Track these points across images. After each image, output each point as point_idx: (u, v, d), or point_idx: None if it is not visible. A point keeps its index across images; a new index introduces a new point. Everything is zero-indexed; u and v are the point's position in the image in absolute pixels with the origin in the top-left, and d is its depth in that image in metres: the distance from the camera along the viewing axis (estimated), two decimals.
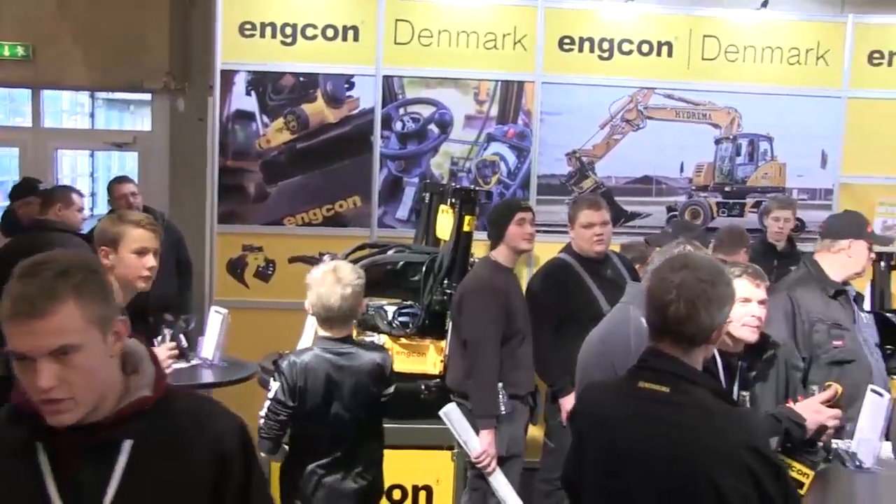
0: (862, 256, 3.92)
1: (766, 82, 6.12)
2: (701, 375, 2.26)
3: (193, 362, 4.65)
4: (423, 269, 4.52)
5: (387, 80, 5.83)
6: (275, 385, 3.29)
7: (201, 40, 6.79)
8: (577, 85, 5.95)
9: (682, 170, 6.12)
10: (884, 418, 3.12)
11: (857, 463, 3.11)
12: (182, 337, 4.52)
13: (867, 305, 5.59)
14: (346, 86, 5.81)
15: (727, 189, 6.19)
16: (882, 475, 3.06)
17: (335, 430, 3.33)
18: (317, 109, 5.81)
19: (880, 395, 3.16)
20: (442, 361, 4.52)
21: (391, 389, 3.50)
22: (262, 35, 5.77)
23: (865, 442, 3.13)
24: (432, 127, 5.89)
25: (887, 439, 3.23)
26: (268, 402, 3.30)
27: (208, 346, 4.67)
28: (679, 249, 2.95)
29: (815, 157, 6.22)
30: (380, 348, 3.70)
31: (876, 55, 6.21)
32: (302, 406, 3.27)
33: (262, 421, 3.30)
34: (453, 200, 4.54)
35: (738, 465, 2.11)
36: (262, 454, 3.29)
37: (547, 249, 5.22)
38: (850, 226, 4.00)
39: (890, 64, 6.22)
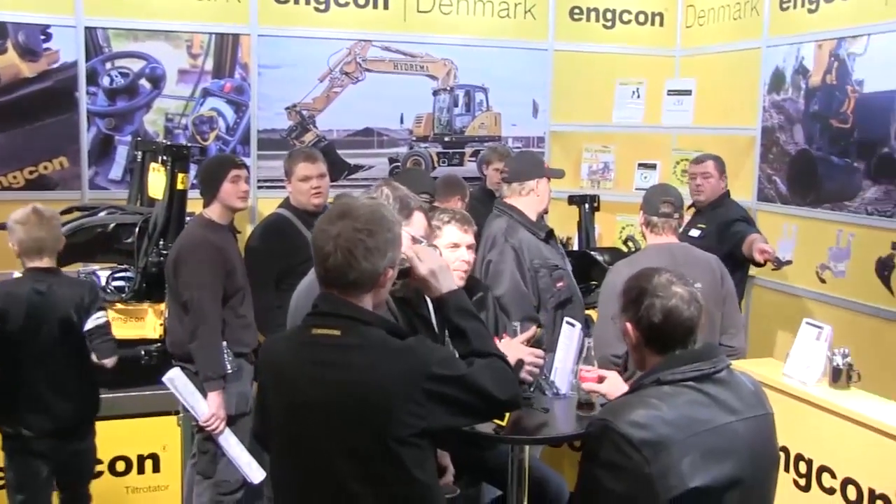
0: (546, 193, 4.17)
1: (480, 35, 6.34)
2: (373, 315, 2.20)
3: None
4: (137, 230, 4.36)
5: (90, 31, 5.45)
6: None
7: None
8: (294, 38, 5.87)
9: (402, 121, 6.23)
10: (576, 347, 3.35)
11: (555, 390, 3.34)
12: None
13: (575, 245, 6.03)
14: (43, 37, 5.36)
15: (446, 139, 6.38)
16: (574, 398, 3.29)
17: (42, 360, 3.59)
18: (9, 62, 5.32)
19: (573, 325, 3.40)
20: (162, 325, 4.41)
21: (101, 319, 3.72)
22: None
23: (562, 370, 3.36)
24: (143, 82, 5.59)
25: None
26: None
27: None
28: (377, 193, 2.94)
29: (527, 106, 6.55)
30: (88, 283, 3.87)
31: (576, 11, 6.61)
32: (3, 326, 3.51)
33: None
34: (165, 158, 4.39)
35: (419, 395, 2.07)
36: None
37: (270, 205, 5.17)
38: (533, 166, 4.23)
39: (588, 19, 6.65)
